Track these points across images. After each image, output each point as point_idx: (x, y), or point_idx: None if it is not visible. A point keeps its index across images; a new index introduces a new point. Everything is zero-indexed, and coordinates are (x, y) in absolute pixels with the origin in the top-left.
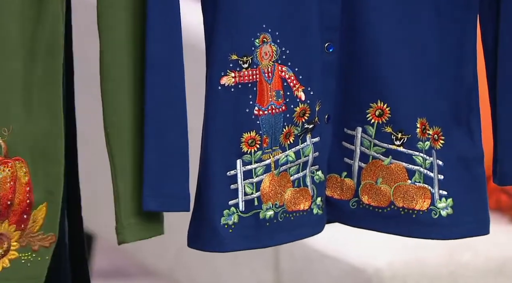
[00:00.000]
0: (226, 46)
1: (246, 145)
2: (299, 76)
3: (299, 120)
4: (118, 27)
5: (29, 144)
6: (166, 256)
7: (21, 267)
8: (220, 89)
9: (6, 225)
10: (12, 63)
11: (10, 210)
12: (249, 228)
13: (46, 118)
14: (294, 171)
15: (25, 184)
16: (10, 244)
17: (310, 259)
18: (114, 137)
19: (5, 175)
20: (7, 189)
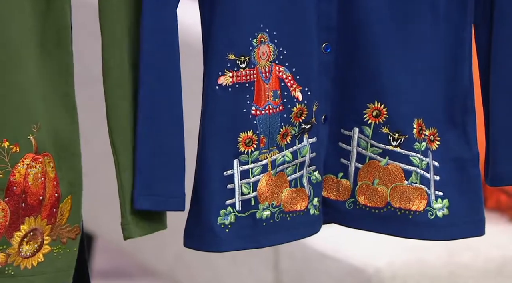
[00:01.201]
0: (224, 46)
1: (243, 145)
2: (297, 76)
3: (296, 121)
4: (120, 24)
5: (53, 138)
6: (166, 256)
7: (53, 260)
8: (217, 89)
9: (39, 220)
10: (30, 61)
11: (42, 205)
12: (245, 228)
13: (62, 112)
14: (291, 171)
15: (53, 178)
16: (43, 238)
17: (310, 259)
18: (117, 134)
19: (36, 171)
20: (39, 185)
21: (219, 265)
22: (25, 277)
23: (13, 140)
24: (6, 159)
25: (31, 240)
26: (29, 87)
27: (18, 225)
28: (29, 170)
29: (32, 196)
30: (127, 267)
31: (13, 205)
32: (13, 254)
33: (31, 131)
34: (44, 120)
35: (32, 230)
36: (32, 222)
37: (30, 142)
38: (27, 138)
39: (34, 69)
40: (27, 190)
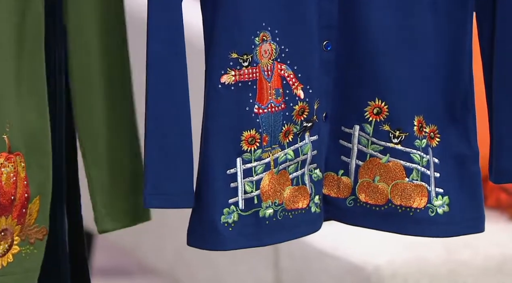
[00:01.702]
0: (226, 45)
1: (246, 143)
2: (298, 74)
3: (298, 119)
4: (86, 27)
5: (24, 137)
6: (166, 254)
7: (22, 261)
8: (220, 87)
9: (10, 219)
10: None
11: (13, 205)
12: (249, 227)
13: (34, 111)
14: (293, 169)
15: (23, 178)
16: (13, 238)
17: (310, 257)
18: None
19: (9, 170)
20: (11, 184)
21: (219, 263)
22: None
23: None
24: None
25: (2, 240)
26: (5, 86)
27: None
28: (2, 169)
29: (4, 195)
30: (127, 265)
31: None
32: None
33: (4, 131)
34: (16, 120)
35: (3, 230)
36: (3, 222)
37: (4, 141)
38: (1, 137)
39: (10, 68)
40: (0, 190)
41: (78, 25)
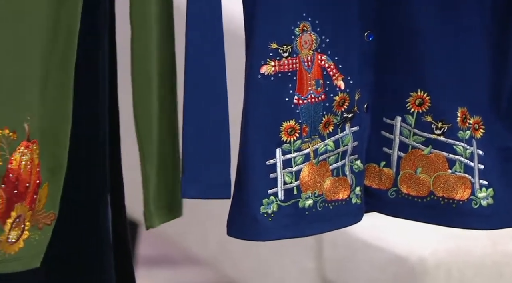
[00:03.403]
0: (266, 35)
1: (286, 134)
2: (339, 65)
3: (339, 110)
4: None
5: (42, 126)
6: (210, 244)
7: (30, 246)
8: (260, 78)
9: (24, 206)
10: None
11: (27, 192)
12: (288, 217)
13: (57, 101)
14: (333, 160)
15: (37, 165)
16: (25, 224)
17: (353, 247)
18: (142, 123)
19: (27, 158)
20: (27, 172)
21: (262, 253)
22: (9, 263)
23: (12, 128)
24: (5, 147)
25: (17, 226)
26: (30, 76)
27: (9, 211)
28: (22, 157)
29: (21, 182)
30: (171, 255)
31: (8, 192)
32: (3, 240)
33: (26, 119)
34: (38, 109)
35: (18, 216)
36: (19, 208)
37: (25, 129)
38: (23, 126)
39: (37, 58)
40: (19, 177)
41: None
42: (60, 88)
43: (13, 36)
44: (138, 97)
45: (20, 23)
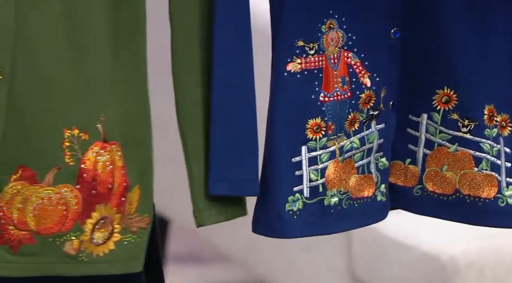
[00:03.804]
0: (293, 33)
1: (311, 131)
2: (365, 62)
3: (364, 107)
4: (189, 12)
5: (121, 127)
6: (240, 241)
7: (124, 249)
8: (286, 75)
9: (109, 208)
10: (101, 51)
11: (111, 193)
12: (314, 215)
13: (134, 102)
14: (359, 158)
15: (120, 167)
16: (114, 226)
17: (383, 245)
18: (186, 122)
19: (105, 159)
20: (107, 173)
21: (291, 251)
22: (98, 264)
23: (83, 128)
24: (76, 147)
25: (102, 228)
26: (99, 76)
27: (90, 212)
28: (98, 157)
29: (101, 183)
30: (201, 252)
31: (85, 192)
32: (86, 241)
33: (98, 120)
34: (112, 110)
35: (103, 218)
36: (102, 210)
37: (98, 130)
38: (95, 126)
39: (106, 59)
40: (96, 178)
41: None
42: (135, 88)
43: (78, 37)
44: (181, 94)
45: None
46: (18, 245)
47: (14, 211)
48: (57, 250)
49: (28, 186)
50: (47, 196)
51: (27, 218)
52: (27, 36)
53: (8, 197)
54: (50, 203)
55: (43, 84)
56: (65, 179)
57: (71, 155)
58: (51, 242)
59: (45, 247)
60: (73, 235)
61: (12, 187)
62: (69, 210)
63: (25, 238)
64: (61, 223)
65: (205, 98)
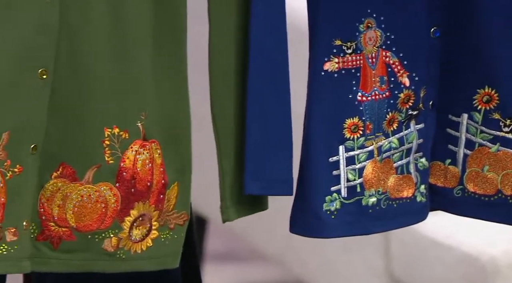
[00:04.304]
0: (330, 32)
1: (349, 131)
2: (404, 61)
3: (403, 107)
4: (227, 12)
5: (161, 126)
6: (277, 241)
7: (161, 245)
8: (323, 75)
9: (148, 205)
10: (143, 51)
11: (150, 191)
12: (351, 215)
13: (173, 101)
14: (398, 158)
15: (159, 165)
16: (152, 223)
17: (422, 246)
18: (220, 121)
19: (144, 157)
20: (146, 171)
21: (328, 250)
22: (136, 261)
23: (123, 127)
24: (116, 145)
25: (141, 225)
26: (141, 76)
27: (129, 210)
28: (137, 156)
29: (140, 181)
30: (239, 250)
31: (124, 190)
32: (124, 238)
33: (139, 119)
34: (153, 109)
35: (141, 215)
36: (141, 207)
37: (139, 129)
38: (135, 125)
39: (147, 58)
40: (136, 176)
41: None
42: (175, 86)
43: (121, 37)
44: (216, 92)
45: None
46: (58, 241)
47: (55, 207)
48: (96, 247)
49: (68, 183)
50: (86, 193)
51: (67, 215)
52: (71, 36)
53: (49, 194)
54: (89, 200)
55: (85, 83)
56: (104, 177)
57: (111, 153)
58: (90, 239)
59: (84, 244)
60: (112, 232)
61: (53, 184)
62: (108, 208)
63: (65, 235)
64: (100, 220)
65: (239, 97)
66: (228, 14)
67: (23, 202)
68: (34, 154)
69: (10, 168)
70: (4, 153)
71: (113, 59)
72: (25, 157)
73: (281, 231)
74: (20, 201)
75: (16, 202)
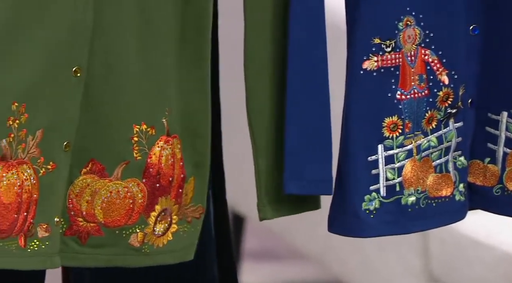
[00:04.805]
0: (369, 30)
1: (388, 130)
2: (443, 59)
3: (442, 105)
4: (263, 8)
5: (181, 121)
6: (316, 239)
7: (180, 239)
8: (362, 73)
9: (169, 200)
10: (169, 48)
11: (171, 186)
12: (390, 214)
13: (195, 96)
14: (436, 157)
15: (180, 159)
16: (172, 217)
17: (461, 245)
18: (255, 119)
19: (168, 152)
20: (169, 166)
21: (368, 250)
22: (158, 255)
23: (150, 123)
24: (144, 141)
25: (163, 220)
26: (166, 73)
27: (154, 205)
28: (162, 152)
29: (164, 177)
30: (278, 249)
31: (150, 186)
32: (149, 233)
33: (164, 115)
34: (176, 104)
35: (164, 210)
36: (163, 202)
37: (163, 124)
38: (161, 121)
39: (173, 55)
40: (161, 171)
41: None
42: (197, 82)
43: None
44: (251, 89)
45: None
46: (86, 236)
47: (83, 203)
48: (123, 242)
49: (97, 179)
50: (115, 189)
51: (95, 211)
52: (103, 34)
53: (78, 189)
54: (118, 196)
55: (115, 81)
56: (132, 173)
57: (139, 150)
58: (117, 234)
59: (112, 239)
60: (138, 227)
61: (82, 180)
62: (135, 204)
63: (93, 230)
64: (128, 216)
65: (275, 95)
66: (264, 10)
67: (55, 198)
68: (67, 151)
69: (43, 165)
70: (38, 150)
71: (141, 57)
72: (58, 154)
73: (320, 230)
74: (52, 197)
75: (48, 199)
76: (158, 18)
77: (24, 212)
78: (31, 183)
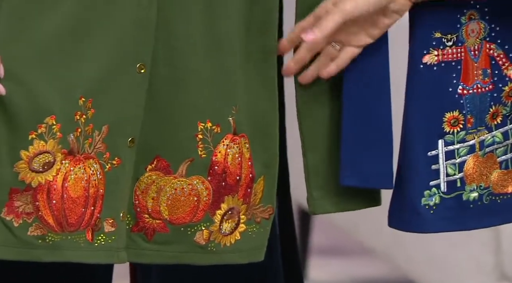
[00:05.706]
0: (430, 24)
1: (449, 125)
2: (510, 54)
3: (508, 100)
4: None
5: (250, 120)
6: (384, 236)
7: (248, 239)
8: (422, 68)
9: (236, 199)
10: (235, 46)
11: (239, 185)
12: (451, 210)
13: (263, 94)
14: (502, 152)
15: (248, 158)
16: (240, 217)
17: None
18: (304, 114)
19: (234, 151)
20: (236, 165)
21: (436, 247)
22: (226, 254)
23: (215, 121)
24: (209, 139)
25: (230, 218)
26: (234, 70)
27: (219, 203)
28: (228, 150)
29: (230, 175)
30: (344, 245)
31: (215, 184)
32: (215, 231)
33: (230, 113)
34: (244, 102)
35: (231, 209)
36: (230, 201)
37: (230, 123)
38: (227, 119)
39: (240, 51)
40: (226, 170)
41: None
42: (266, 81)
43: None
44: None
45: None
46: (152, 233)
47: (149, 200)
48: (188, 240)
49: (162, 176)
50: (180, 186)
51: (161, 208)
52: (167, 31)
53: (143, 186)
54: (182, 193)
55: (180, 78)
56: (197, 171)
57: (204, 147)
58: (182, 231)
59: (177, 236)
60: (203, 225)
61: (148, 177)
62: (200, 201)
63: (159, 227)
64: (193, 213)
65: (324, 90)
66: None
67: (121, 193)
68: (132, 147)
69: (109, 160)
70: (104, 145)
71: (207, 54)
72: (123, 149)
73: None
74: (118, 192)
75: (114, 194)
76: (224, 15)
77: (91, 206)
78: (98, 177)
